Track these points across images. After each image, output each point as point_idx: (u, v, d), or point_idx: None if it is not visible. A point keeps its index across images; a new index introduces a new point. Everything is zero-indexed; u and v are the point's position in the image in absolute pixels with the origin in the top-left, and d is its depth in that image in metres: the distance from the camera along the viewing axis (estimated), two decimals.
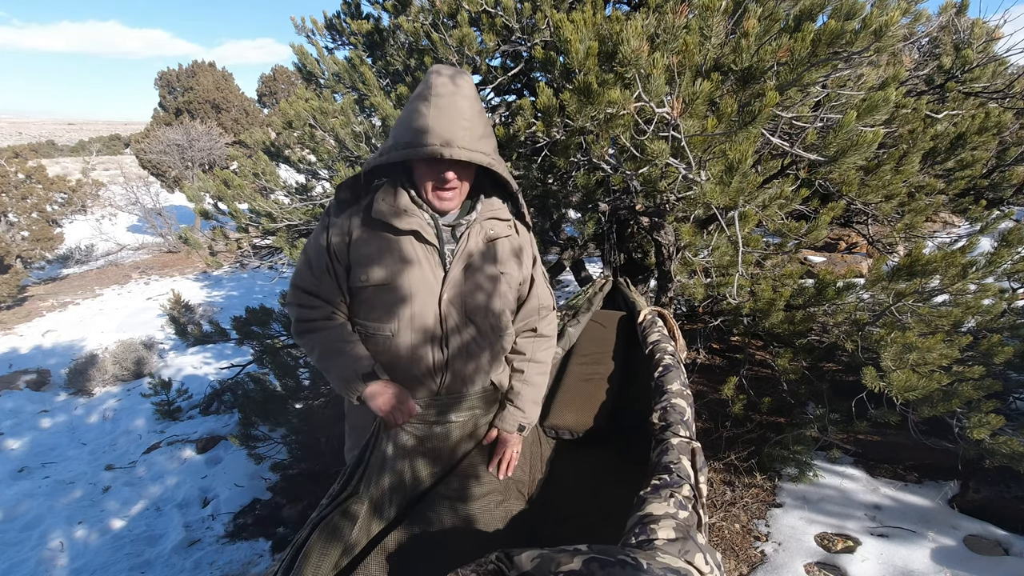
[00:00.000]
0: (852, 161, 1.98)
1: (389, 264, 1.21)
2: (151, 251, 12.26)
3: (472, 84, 1.17)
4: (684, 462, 1.15)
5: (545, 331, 1.48)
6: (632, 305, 2.26)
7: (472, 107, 1.14)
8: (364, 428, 1.36)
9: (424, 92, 1.13)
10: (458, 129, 1.11)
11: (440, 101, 1.11)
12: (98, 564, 3.20)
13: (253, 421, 3.59)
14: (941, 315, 2.25)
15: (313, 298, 1.28)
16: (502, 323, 1.35)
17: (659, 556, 0.80)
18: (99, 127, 48.55)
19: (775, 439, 2.58)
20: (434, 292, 1.24)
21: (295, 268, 1.31)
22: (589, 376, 1.94)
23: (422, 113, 1.11)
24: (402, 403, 1.25)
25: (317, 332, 1.28)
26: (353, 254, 1.22)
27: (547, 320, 1.47)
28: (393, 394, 1.25)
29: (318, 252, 1.25)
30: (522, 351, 1.46)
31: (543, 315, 1.45)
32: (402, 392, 1.26)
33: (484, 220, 1.28)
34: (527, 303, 1.42)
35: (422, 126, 1.11)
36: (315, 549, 1.02)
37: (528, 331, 1.46)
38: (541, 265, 1.47)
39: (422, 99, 1.12)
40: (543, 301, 1.44)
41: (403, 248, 1.21)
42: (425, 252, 1.23)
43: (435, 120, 1.10)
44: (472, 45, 2.69)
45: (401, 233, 1.21)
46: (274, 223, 3.12)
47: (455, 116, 1.11)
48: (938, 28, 3.94)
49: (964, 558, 2.00)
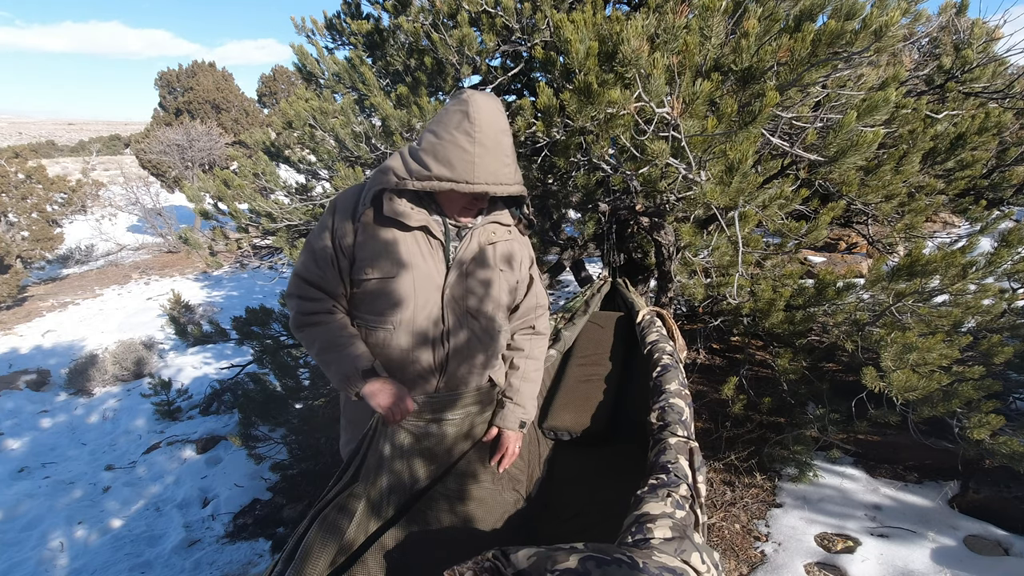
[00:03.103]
0: (852, 161, 1.98)
1: (395, 258, 1.23)
2: (151, 251, 12.26)
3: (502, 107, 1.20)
4: (682, 462, 1.15)
5: (541, 329, 1.53)
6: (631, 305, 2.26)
7: (510, 140, 1.19)
8: (360, 423, 1.37)
9: (465, 125, 1.13)
10: (502, 167, 1.17)
11: (485, 139, 1.13)
12: (98, 564, 3.20)
13: (253, 421, 3.59)
14: (941, 315, 2.25)
15: (315, 290, 1.29)
16: (497, 323, 1.37)
17: (655, 555, 0.80)
18: (99, 127, 48.54)
19: (775, 439, 2.58)
20: (437, 288, 1.27)
21: (298, 259, 1.32)
22: (588, 377, 1.94)
23: (466, 149, 1.13)
24: (401, 400, 1.26)
25: (318, 326, 1.29)
26: (359, 248, 1.24)
27: (543, 318, 1.53)
28: (392, 391, 1.26)
29: (323, 243, 1.26)
30: (520, 347, 1.50)
31: (539, 313, 1.50)
32: (401, 389, 1.27)
33: (487, 224, 1.32)
34: (525, 302, 1.46)
35: (468, 163, 1.14)
36: (315, 543, 1.02)
37: (526, 328, 1.50)
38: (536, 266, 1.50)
39: (464, 133, 1.13)
40: (540, 300, 1.50)
41: (410, 243, 1.24)
42: (431, 248, 1.26)
43: (481, 158, 1.14)
44: (472, 45, 2.69)
45: (410, 229, 1.23)
46: (274, 223, 3.12)
47: (499, 155, 1.16)
48: (938, 28, 3.94)
49: (964, 558, 2.00)
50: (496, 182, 1.17)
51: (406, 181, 1.18)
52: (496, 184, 1.17)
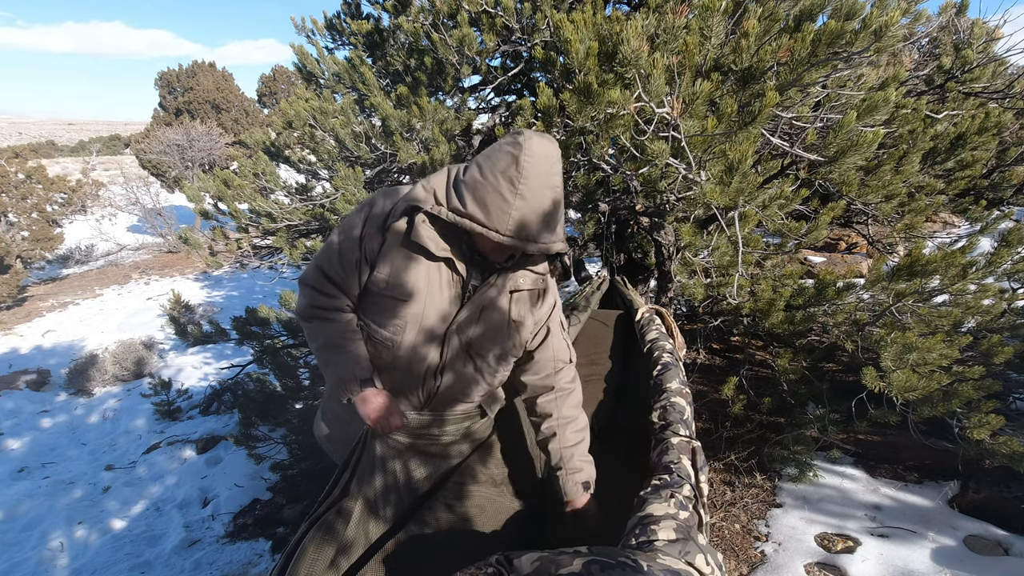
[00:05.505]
0: (852, 161, 1.98)
1: (412, 281, 1.19)
2: (151, 251, 12.26)
3: (559, 157, 1.10)
4: (684, 462, 1.15)
5: (564, 386, 1.40)
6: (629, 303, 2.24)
7: (557, 196, 1.10)
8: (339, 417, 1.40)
9: (511, 172, 1.04)
10: (540, 226, 1.09)
11: (528, 193, 1.05)
12: (98, 564, 3.20)
13: (253, 421, 3.59)
14: (941, 315, 2.25)
15: (332, 286, 1.26)
16: (496, 368, 1.32)
17: (660, 557, 0.80)
18: (99, 127, 48.54)
19: (775, 439, 2.58)
20: (445, 320, 1.23)
21: (320, 252, 1.28)
22: (588, 377, 1.93)
23: (505, 198, 1.05)
24: (391, 414, 1.25)
25: (326, 321, 1.27)
26: (382, 257, 1.20)
27: (563, 374, 1.40)
28: (384, 405, 1.25)
29: (351, 241, 1.22)
30: (548, 412, 1.38)
31: (559, 368, 1.38)
32: (393, 404, 1.27)
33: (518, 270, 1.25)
34: (539, 353, 1.36)
35: (504, 214, 1.05)
36: (311, 546, 1.02)
37: (546, 390, 1.39)
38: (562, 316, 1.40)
39: (507, 180, 1.05)
40: (559, 354, 1.38)
41: (431, 271, 1.20)
42: (451, 279, 1.21)
43: (519, 211, 1.05)
44: (472, 45, 2.69)
45: (434, 258, 1.19)
46: (274, 223, 3.12)
47: (540, 212, 1.08)
48: (938, 28, 3.94)
49: (964, 558, 2.00)
50: (530, 239, 1.08)
51: (441, 208, 1.12)
52: (529, 242, 1.09)
